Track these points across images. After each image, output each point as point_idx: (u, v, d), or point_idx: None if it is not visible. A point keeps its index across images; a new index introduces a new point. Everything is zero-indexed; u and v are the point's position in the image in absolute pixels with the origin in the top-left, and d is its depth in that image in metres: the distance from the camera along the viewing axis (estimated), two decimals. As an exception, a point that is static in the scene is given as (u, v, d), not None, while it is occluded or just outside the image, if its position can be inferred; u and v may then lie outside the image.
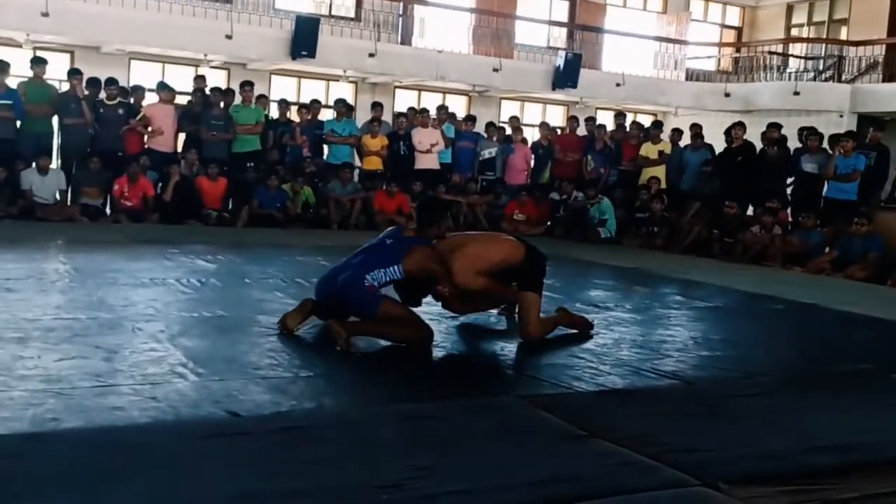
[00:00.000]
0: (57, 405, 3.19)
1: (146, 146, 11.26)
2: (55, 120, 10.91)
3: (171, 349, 4.15)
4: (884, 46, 17.19)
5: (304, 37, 13.76)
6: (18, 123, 10.58)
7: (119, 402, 3.29)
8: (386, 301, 4.62)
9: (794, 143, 11.78)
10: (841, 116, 15.79)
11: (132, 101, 11.40)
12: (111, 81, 11.15)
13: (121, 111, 11.09)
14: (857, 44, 17.37)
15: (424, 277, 4.75)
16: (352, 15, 16.29)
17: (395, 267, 4.64)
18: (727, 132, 12.09)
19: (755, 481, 2.83)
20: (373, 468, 2.75)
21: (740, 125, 11.98)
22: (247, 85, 11.93)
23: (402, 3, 16.32)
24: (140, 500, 2.45)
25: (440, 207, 5.10)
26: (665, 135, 13.04)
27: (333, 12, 16.09)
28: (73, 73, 11.11)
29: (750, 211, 11.44)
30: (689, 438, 3.24)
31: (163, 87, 11.63)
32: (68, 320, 4.66)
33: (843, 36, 18.60)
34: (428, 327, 4.64)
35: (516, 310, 5.10)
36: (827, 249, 10.30)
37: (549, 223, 12.76)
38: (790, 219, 11.24)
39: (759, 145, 11.80)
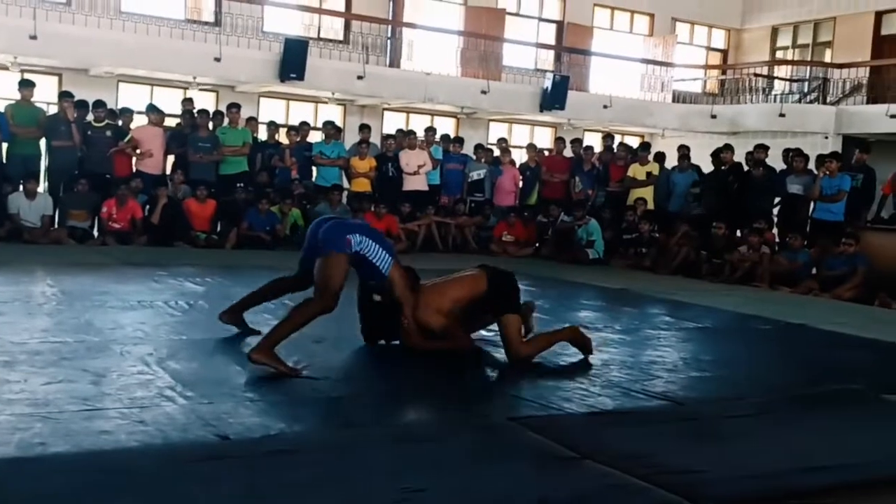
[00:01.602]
0: (44, 429, 3.16)
1: (135, 168, 11.24)
2: (42, 142, 10.88)
3: (160, 372, 4.13)
4: (868, 69, 17.40)
5: (293, 59, 13.80)
6: (5, 146, 10.55)
7: (107, 426, 3.26)
8: (343, 257, 4.55)
9: (779, 165, 11.87)
10: (826, 138, 15.93)
11: (120, 123, 11.39)
12: (99, 104, 11.15)
13: (108, 133, 11.08)
14: (841, 66, 17.56)
15: (392, 305, 4.81)
16: (340, 38, 16.35)
17: (388, 259, 4.71)
18: (715, 154, 12.17)
19: (747, 502, 2.83)
20: (364, 491, 2.74)
21: (729, 148, 12.06)
22: (233, 107, 11.94)
23: (390, 26, 16.42)
24: (128, 526, 2.42)
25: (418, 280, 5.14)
26: (652, 156, 13.11)
27: (322, 35, 16.14)
28: (65, 96, 11.10)
29: (738, 233, 11.48)
30: (680, 459, 3.23)
31: (152, 110, 11.64)
32: (55, 343, 4.63)
33: (828, 58, 18.80)
34: (335, 302, 4.52)
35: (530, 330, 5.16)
36: (814, 270, 10.35)
37: (537, 244, 12.79)
38: (777, 239, 11.31)
39: (744, 166, 11.90)
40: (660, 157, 13.09)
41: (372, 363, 4.88)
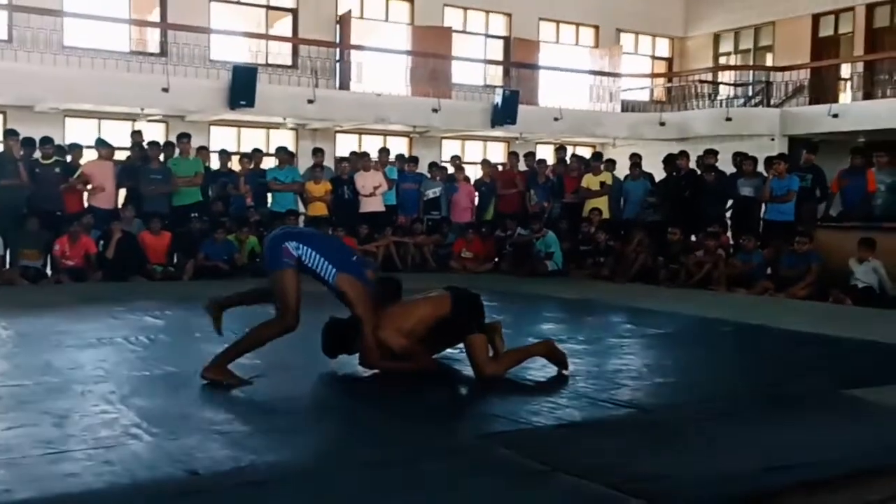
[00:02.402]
0: (7, 476, 3.10)
1: (87, 204, 11.10)
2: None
3: (123, 410, 4.07)
4: (808, 70, 17.79)
5: (242, 86, 13.75)
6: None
7: (72, 468, 3.20)
8: (288, 271, 4.64)
9: (730, 168, 12.07)
10: (772, 140, 16.22)
11: (69, 159, 11.24)
12: (46, 140, 10.99)
13: (57, 170, 10.93)
14: (782, 69, 17.93)
15: (354, 327, 4.83)
16: (289, 62, 16.32)
17: (331, 269, 4.71)
18: (667, 161, 12.34)
19: (717, 505, 2.87)
20: (338, 519, 2.72)
21: (684, 154, 12.25)
22: (184, 137, 11.86)
23: (338, 49, 16.44)
24: (100, 569, 2.38)
25: (400, 291, 5.18)
26: (604, 165, 13.25)
27: (270, 61, 16.10)
28: (10, 134, 10.92)
29: (693, 237, 11.64)
30: (650, 466, 3.27)
31: (101, 144, 11.51)
32: (14, 387, 4.54)
33: (769, 62, 19.21)
34: (296, 320, 4.64)
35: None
36: (769, 270, 10.53)
37: (496, 259, 12.85)
38: (731, 242, 11.48)
39: (697, 172, 12.11)
40: (611, 164, 13.24)
41: (337, 388, 4.86)
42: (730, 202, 11.86)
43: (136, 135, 12.10)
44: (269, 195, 12.40)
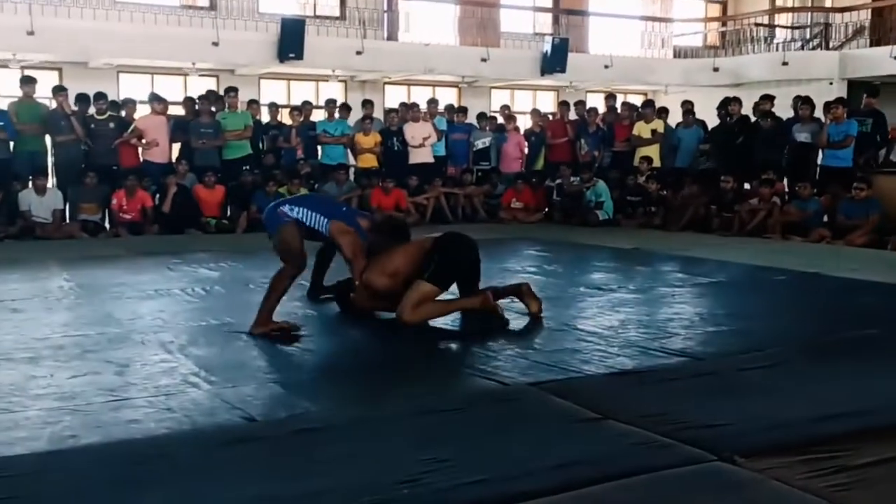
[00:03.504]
0: (73, 422, 3.22)
1: (142, 158, 11.27)
2: (48, 138, 10.91)
3: (182, 359, 4.18)
4: (869, 11, 17.18)
5: (291, 39, 13.75)
6: (12, 144, 10.59)
7: (135, 415, 3.31)
8: (287, 225, 4.98)
9: (785, 114, 11.79)
10: (831, 84, 15.76)
11: (123, 114, 11.39)
12: (100, 96, 11.13)
13: (112, 125, 11.07)
14: (842, 10, 17.36)
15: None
16: (337, 14, 16.27)
17: (323, 220, 5.03)
18: (722, 105, 12.09)
19: (771, 452, 2.85)
20: (391, 464, 2.78)
21: (736, 100, 11.98)
22: (231, 91, 11.90)
23: (385, -1, 16.35)
24: (164, 511, 2.47)
25: (402, 233, 5.28)
26: (657, 113, 13.03)
27: (318, 12, 16.08)
28: (58, 90, 11.06)
29: (746, 185, 11.44)
30: (702, 414, 3.26)
31: (154, 99, 11.62)
32: (77, 337, 4.68)
33: (829, 3, 18.60)
34: (303, 261, 5.00)
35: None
36: (825, 217, 10.33)
37: (546, 209, 12.79)
38: (786, 189, 11.27)
39: (750, 118, 11.83)
40: (663, 112, 13.01)
41: (388, 337, 4.91)
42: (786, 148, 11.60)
43: (210, 93, 12.02)
44: (319, 148, 12.45)
